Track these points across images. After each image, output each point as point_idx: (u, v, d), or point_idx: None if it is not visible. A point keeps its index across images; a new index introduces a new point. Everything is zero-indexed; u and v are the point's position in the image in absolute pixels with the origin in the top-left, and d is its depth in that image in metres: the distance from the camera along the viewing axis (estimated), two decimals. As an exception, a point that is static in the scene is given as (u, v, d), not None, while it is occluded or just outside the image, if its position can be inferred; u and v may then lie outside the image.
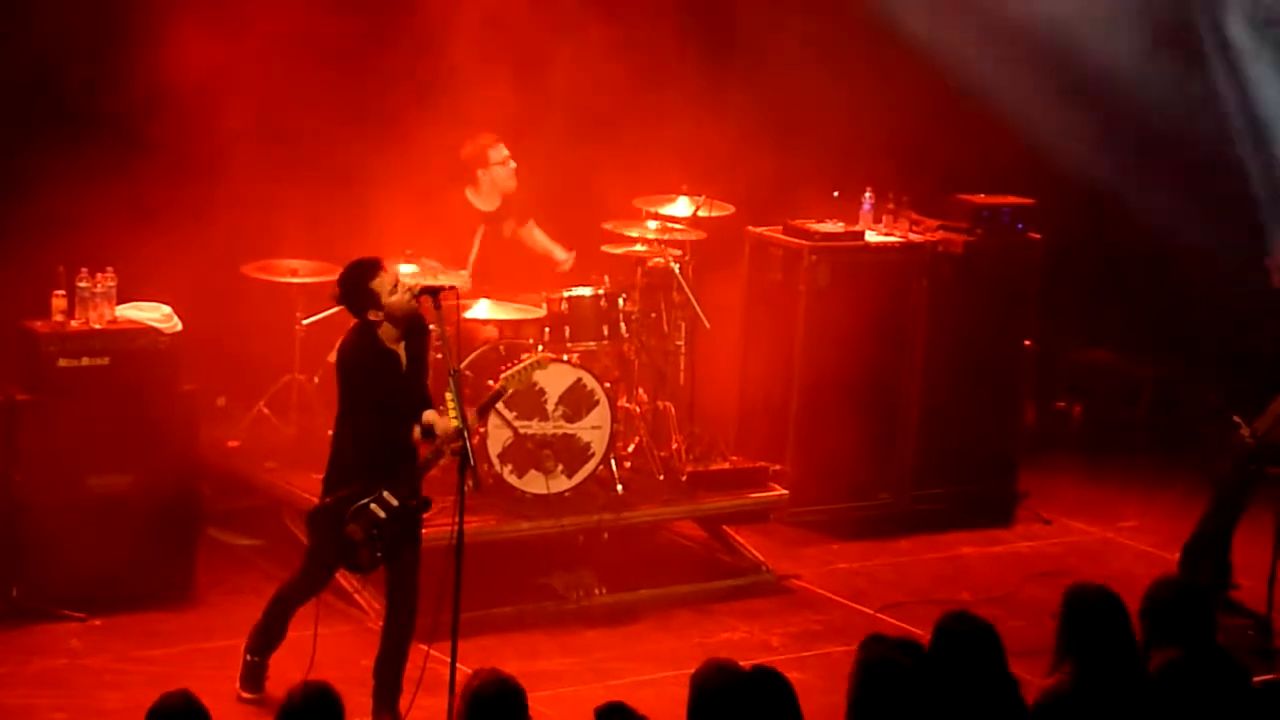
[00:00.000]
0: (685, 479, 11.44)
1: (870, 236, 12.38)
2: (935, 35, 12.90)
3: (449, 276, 10.70)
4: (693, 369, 11.90)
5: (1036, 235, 12.67)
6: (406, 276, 10.19)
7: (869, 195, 12.45)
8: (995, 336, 12.63)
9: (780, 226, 12.33)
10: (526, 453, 10.84)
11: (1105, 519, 12.79)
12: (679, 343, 11.79)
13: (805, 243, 12.12)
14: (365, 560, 9.17)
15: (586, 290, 11.14)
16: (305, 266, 11.44)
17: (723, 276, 12.28)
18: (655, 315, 11.66)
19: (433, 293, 9.06)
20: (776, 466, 11.81)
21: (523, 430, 10.81)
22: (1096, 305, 14.47)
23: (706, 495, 11.50)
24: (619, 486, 11.09)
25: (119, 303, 10.41)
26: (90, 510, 10.23)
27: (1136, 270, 14.07)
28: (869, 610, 10.99)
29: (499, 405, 9.90)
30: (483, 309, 11.05)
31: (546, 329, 11.08)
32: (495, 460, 10.78)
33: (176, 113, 11.40)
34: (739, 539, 11.65)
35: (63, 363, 10.21)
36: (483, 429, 10.59)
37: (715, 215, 11.94)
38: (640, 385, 11.61)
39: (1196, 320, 13.75)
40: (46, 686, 9.51)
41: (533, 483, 10.87)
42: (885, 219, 12.50)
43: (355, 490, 9.05)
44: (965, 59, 12.89)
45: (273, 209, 11.55)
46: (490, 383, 10.40)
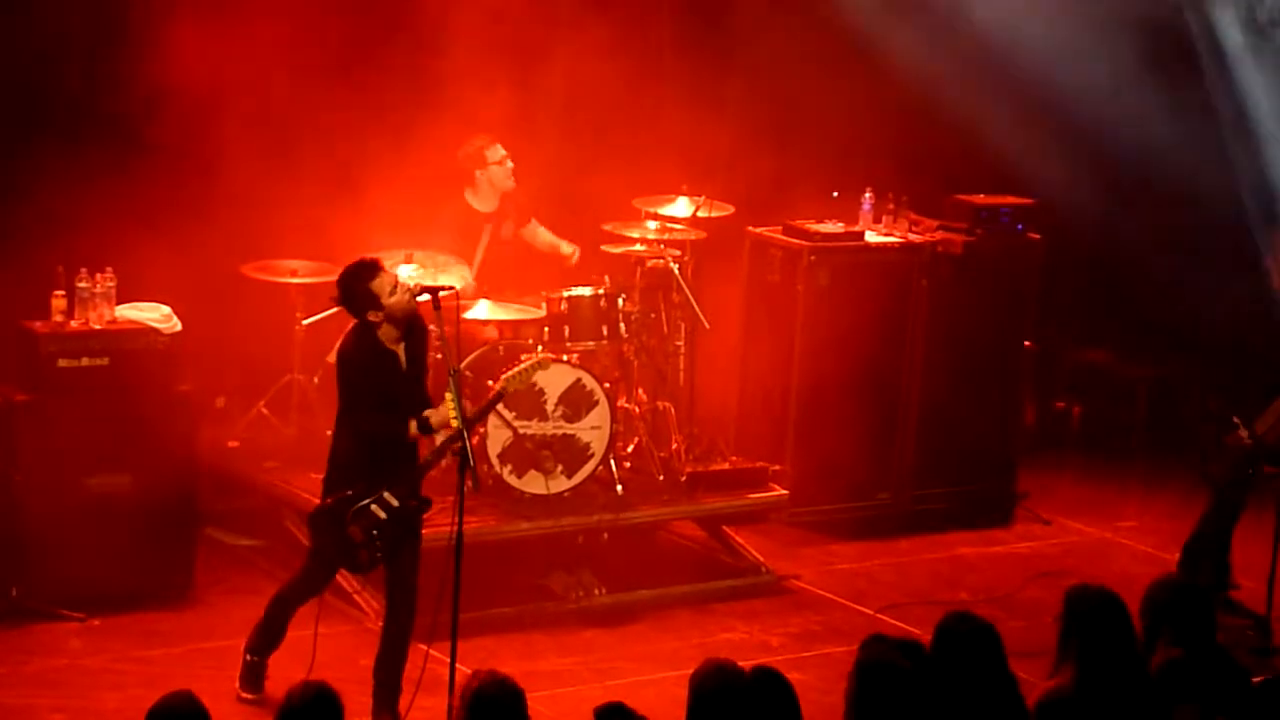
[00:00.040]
0: (685, 479, 11.43)
1: (870, 237, 12.37)
2: (931, 39, 12.90)
3: (450, 274, 10.70)
4: (692, 369, 11.89)
5: (1036, 235, 12.67)
6: (406, 277, 10.21)
7: (869, 195, 12.44)
8: (995, 337, 12.62)
9: (780, 227, 12.32)
10: (526, 453, 10.84)
11: (1105, 519, 12.79)
12: (678, 343, 11.78)
13: (805, 243, 12.11)
14: (365, 560, 9.18)
15: (586, 290, 11.13)
16: (305, 267, 11.44)
17: (722, 277, 12.26)
18: (655, 315, 11.64)
19: (432, 293, 9.07)
20: (776, 467, 11.80)
21: (522, 430, 10.80)
22: (1096, 306, 14.46)
23: (706, 495, 11.49)
24: (618, 487, 11.08)
25: (118, 303, 10.41)
26: (89, 510, 10.22)
27: (1136, 270, 14.06)
28: (869, 611, 10.98)
29: (499, 406, 9.88)
30: (482, 309, 11.04)
31: (546, 329, 11.07)
32: (495, 460, 10.78)
33: (176, 113, 11.41)
34: (738, 539, 11.64)
35: (62, 363, 10.21)
36: (482, 429, 10.59)
37: (715, 215, 11.92)
38: (640, 385, 11.60)
39: (1196, 321, 13.74)
40: (46, 686, 9.50)
41: (532, 483, 10.87)
42: (885, 219, 12.49)
43: (356, 491, 9.05)
44: (965, 60, 12.89)
45: (273, 209, 11.54)
46: (490, 383, 10.41)
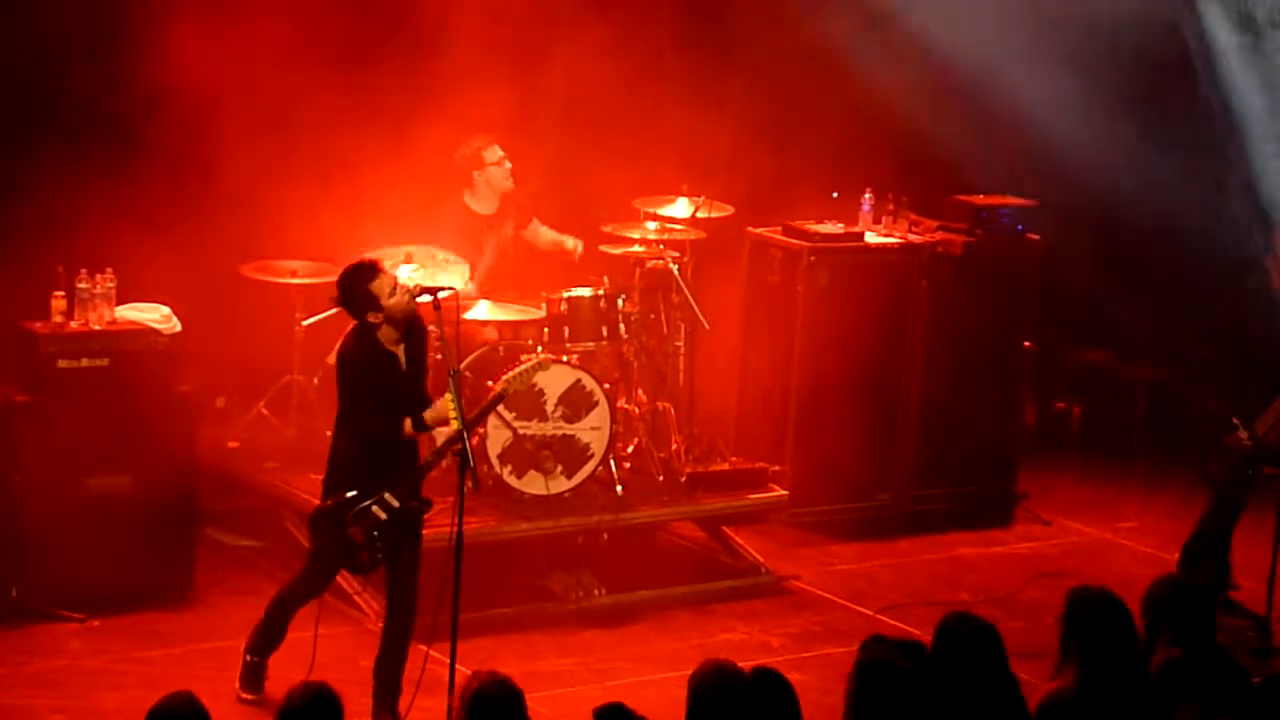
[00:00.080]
0: (684, 480, 11.43)
1: (870, 237, 12.36)
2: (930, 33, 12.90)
3: (449, 273, 10.69)
4: (692, 370, 11.88)
5: (1036, 236, 12.67)
6: (406, 277, 10.20)
7: (868, 196, 12.43)
8: (995, 337, 12.61)
9: (780, 227, 12.31)
10: (526, 453, 10.83)
11: (1104, 520, 12.78)
12: (678, 344, 11.78)
13: (805, 244, 12.11)
14: (366, 562, 9.18)
15: (586, 291, 11.12)
16: (305, 267, 11.43)
17: (722, 277, 12.25)
18: (654, 316, 11.64)
19: (432, 294, 9.06)
20: (776, 467, 11.79)
21: (522, 431, 10.80)
22: (1096, 306, 14.46)
23: (706, 496, 11.48)
24: (618, 487, 11.08)
25: (118, 303, 10.41)
26: (89, 511, 10.22)
27: (1136, 271, 14.06)
28: (868, 611, 10.98)
29: (499, 406, 9.88)
30: (482, 310, 11.03)
31: (546, 330, 11.06)
32: (495, 461, 10.78)
33: (176, 113, 11.41)
34: (738, 540, 11.64)
35: (62, 364, 10.20)
36: (482, 429, 10.59)
37: (714, 216, 11.92)
38: (639, 386, 11.59)
39: (1196, 321, 13.74)
40: (45, 687, 9.50)
41: (532, 483, 10.86)
42: (885, 220, 12.48)
43: (357, 492, 9.05)
44: (964, 58, 12.88)
45: (272, 209, 11.54)
46: (490, 384, 10.41)
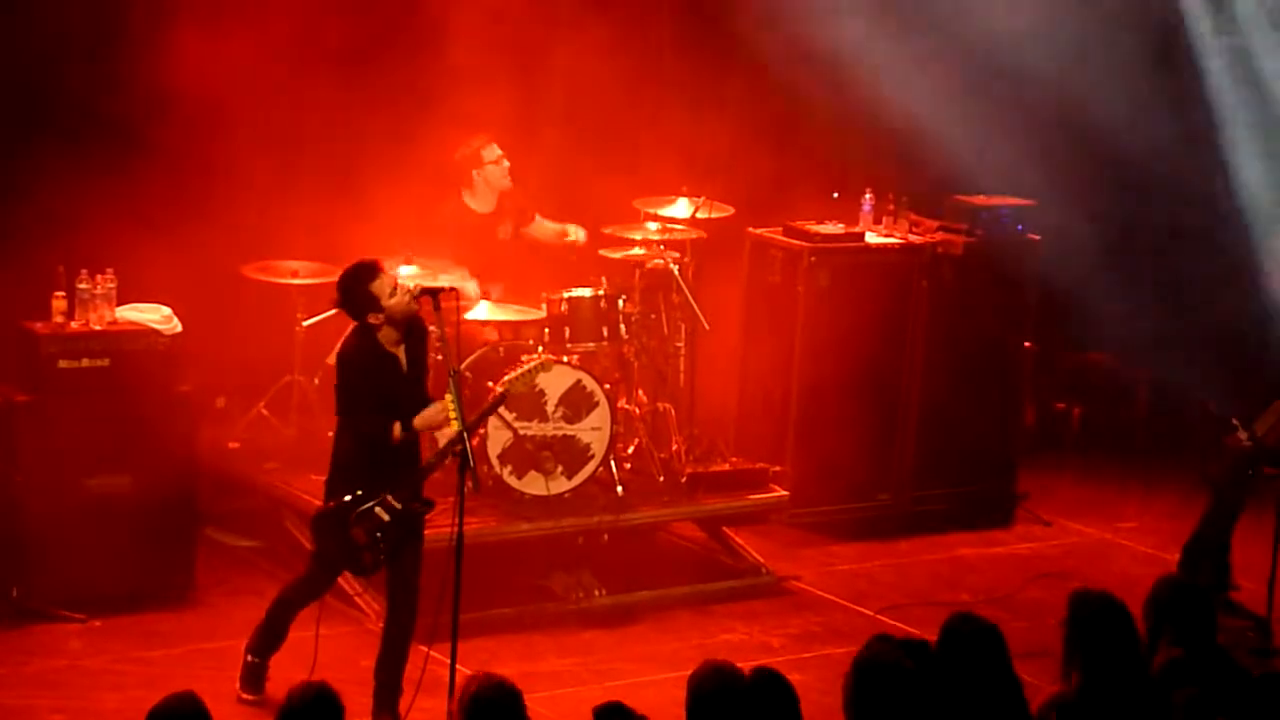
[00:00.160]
0: (685, 480, 11.42)
1: (870, 238, 12.36)
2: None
3: (450, 276, 10.69)
4: (692, 370, 11.88)
5: (1036, 236, 12.67)
6: (406, 278, 10.19)
7: (869, 196, 12.43)
8: (995, 337, 12.62)
9: (780, 228, 12.31)
10: (526, 454, 10.83)
11: (1105, 520, 12.78)
12: (679, 344, 11.78)
13: (805, 244, 12.10)
14: (369, 563, 9.18)
15: (586, 291, 11.12)
16: (305, 268, 11.43)
17: (722, 278, 12.25)
18: (655, 316, 11.64)
19: (432, 294, 9.06)
20: (776, 468, 11.79)
21: (522, 431, 10.80)
22: (1096, 306, 14.45)
23: (706, 496, 11.48)
24: (619, 488, 11.07)
25: (119, 304, 10.41)
26: (89, 511, 10.22)
27: (1136, 271, 14.06)
28: (869, 612, 10.98)
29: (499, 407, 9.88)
30: (482, 310, 11.03)
31: (546, 330, 11.06)
32: (495, 461, 10.77)
33: (176, 113, 11.42)
34: (739, 540, 11.64)
35: (63, 364, 10.20)
36: (483, 430, 10.59)
37: (715, 216, 11.92)
38: (640, 387, 11.59)
39: (1196, 321, 13.73)
40: (46, 687, 9.50)
41: (532, 484, 10.86)
42: (885, 220, 12.48)
43: (359, 494, 9.04)
44: (968, 59, 12.88)
45: (273, 209, 11.55)
46: (490, 384, 10.41)
